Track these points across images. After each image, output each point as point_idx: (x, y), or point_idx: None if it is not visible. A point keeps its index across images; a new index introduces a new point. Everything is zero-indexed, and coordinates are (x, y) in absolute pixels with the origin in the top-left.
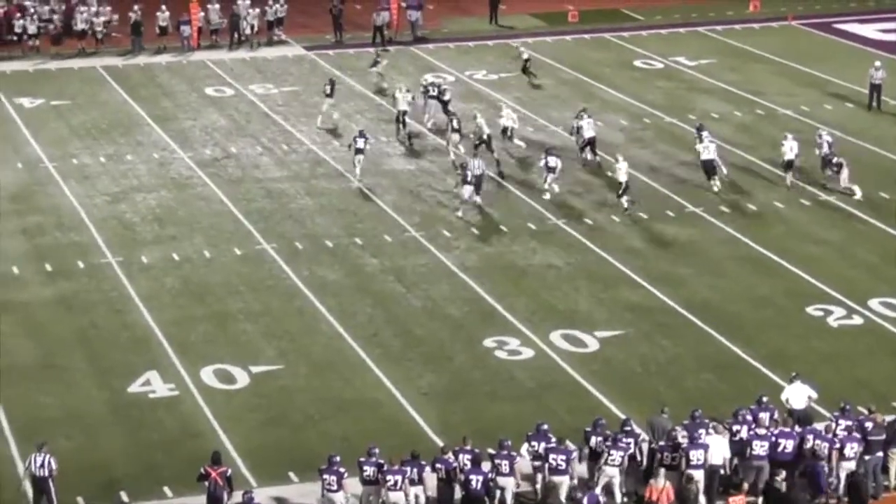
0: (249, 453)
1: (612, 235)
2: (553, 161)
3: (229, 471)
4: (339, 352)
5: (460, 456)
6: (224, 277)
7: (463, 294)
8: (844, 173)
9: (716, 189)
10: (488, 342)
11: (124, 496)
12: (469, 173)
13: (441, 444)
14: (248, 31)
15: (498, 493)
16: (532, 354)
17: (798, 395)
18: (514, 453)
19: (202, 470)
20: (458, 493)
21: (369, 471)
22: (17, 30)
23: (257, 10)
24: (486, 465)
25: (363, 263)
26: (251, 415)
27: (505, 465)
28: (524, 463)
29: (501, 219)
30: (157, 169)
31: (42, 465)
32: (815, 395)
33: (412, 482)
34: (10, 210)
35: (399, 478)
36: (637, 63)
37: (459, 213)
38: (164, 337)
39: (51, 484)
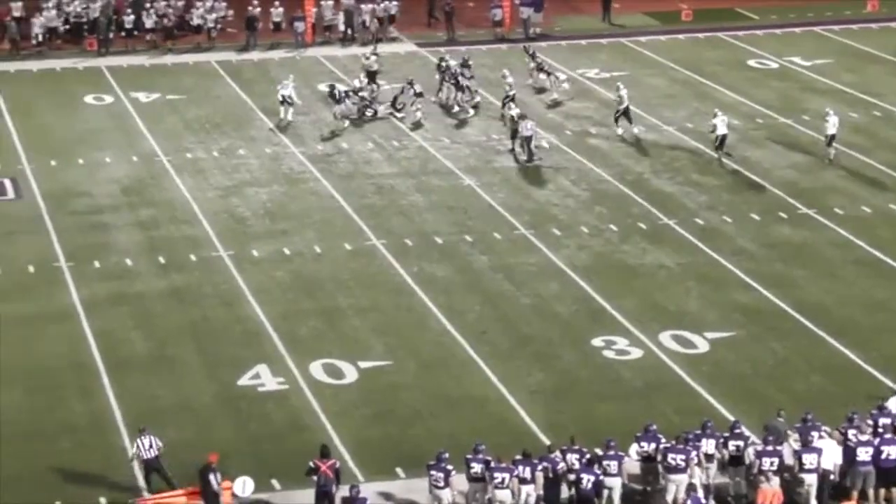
0: (357, 448)
1: (723, 236)
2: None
3: (338, 464)
4: (448, 349)
5: (568, 455)
6: (334, 272)
7: (572, 293)
8: None
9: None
10: (597, 341)
11: (169, 492)
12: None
13: (548, 442)
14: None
15: (605, 493)
16: (641, 354)
17: None
18: (621, 453)
19: (311, 464)
20: (564, 492)
21: (476, 468)
22: (128, 25)
23: (371, 7)
24: (573, 462)
25: (472, 261)
26: (359, 410)
27: (613, 466)
28: (631, 463)
29: (612, 218)
30: (269, 163)
31: (151, 447)
32: None
33: (523, 481)
34: (124, 203)
35: (507, 475)
36: (751, 63)
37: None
38: (274, 331)
39: (160, 461)
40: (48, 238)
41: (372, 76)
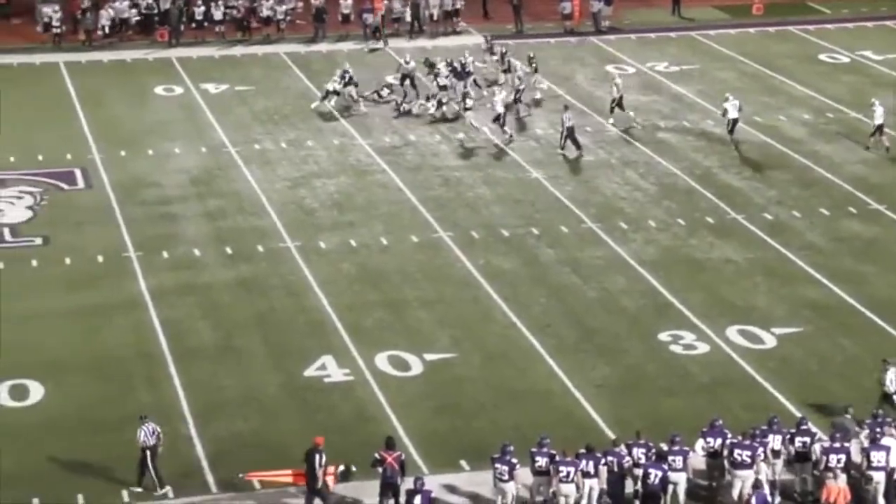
0: (421, 440)
1: (792, 231)
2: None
3: (403, 455)
4: (513, 342)
5: (634, 450)
6: (400, 264)
7: (639, 287)
8: None
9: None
10: (663, 336)
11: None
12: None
13: (612, 436)
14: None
15: (671, 488)
16: (707, 349)
17: None
18: (686, 448)
19: (377, 455)
20: (629, 486)
21: (541, 461)
22: (198, 17)
23: (437, 0)
24: (638, 457)
25: (539, 254)
26: (424, 402)
27: (678, 461)
28: (696, 459)
29: (680, 212)
30: (336, 155)
31: (153, 433)
32: None
33: (586, 475)
34: (192, 193)
35: (571, 469)
36: (822, 57)
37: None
38: (340, 322)
39: (158, 450)
40: (117, 228)
41: (406, 79)
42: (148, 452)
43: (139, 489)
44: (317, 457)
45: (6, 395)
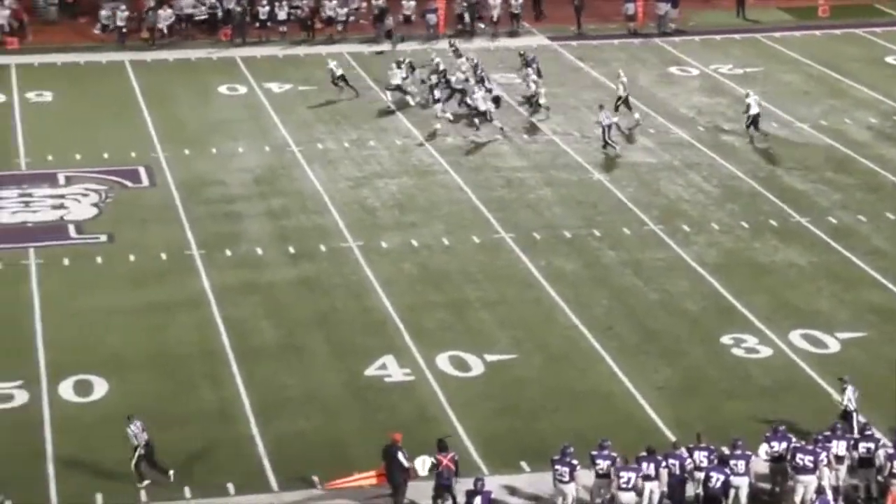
0: (482, 441)
1: (857, 235)
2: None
3: (456, 456)
4: (574, 343)
5: (696, 453)
6: (461, 265)
7: (701, 289)
8: None
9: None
10: (725, 339)
11: (356, 475)
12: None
13: (673, 439)
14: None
15: (732, 492)
16: (770, 353)
17: None
18: (748, 452)
19: (433, 459)
20: (690, 490)
21: (602, 464)
22: (263, 16)
23: (498, 1)
24: (699, 460)
25: (601, 255)
26: (484, 403)
27: (740, 465)
28: (758, 463)
29: (743, 215)
30: (398, 155)
31: (143, 431)
32: None
33: (647, 477)
34: (255, 192)
35: (633, 476)
36: (889, 59)
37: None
38: (401, 322)
39: (151, 447)
40: (181, 226)
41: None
42: (140, 452)
43: (146, 482)
44: (399, 453)
45: (70, 391)
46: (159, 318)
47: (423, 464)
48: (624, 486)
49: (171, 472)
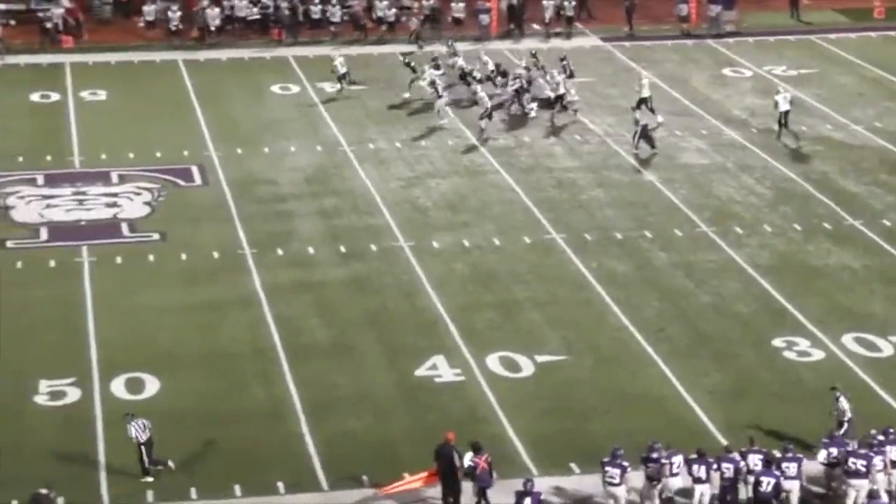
0: (531, 441)
1: None
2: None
3: (489, 457)
4: (625, 345)
5: (749, 456)
6: (512, 265)
7: (753, 292)
8: None
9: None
10: (777, 342)
11: (408, 477)
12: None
13: (725, 443)
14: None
15: (784, 495)
16: (822, 356)
17: None
18: (800, 455)
19: (471, 462)
20: (742, 493)
21: (652, 467)
22: (315, 15)
23: (552, 2)
24: (755, 464)
25: (652, 257)
26: (534, 403)
27: (792, 468)
28: (810, 466)
29: (795, 217)
30: (450, 155)
31: (144, 429)
32: None
33: (698, 480)
34: (307, 192)
35: (680, 458)
36: None
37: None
38: (452, 322)
39: (153, 443)
40: (233, 225)
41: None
42: (143, 448)
43: (150, 479)
44: (455, 453)
45: (122, 388)
46: (211, 316)
47: (468, 457)
48: (675, 471)
49: (171, 463)
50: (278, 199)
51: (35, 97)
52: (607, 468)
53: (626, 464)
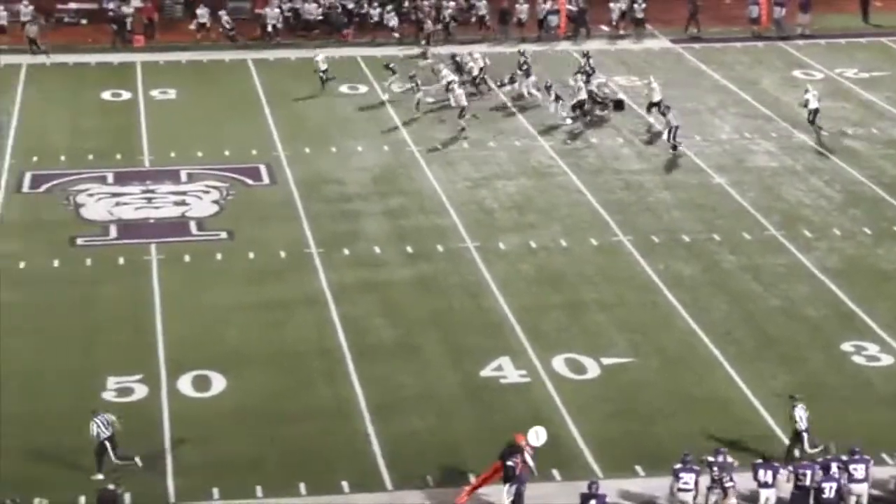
0: (597, 444)
1: None
2: None
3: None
4: (692, 348)
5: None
6: (579, 267)
7: (822, 296)
8: None
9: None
10: (846, 346)
11: (472, 478)
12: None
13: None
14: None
15: (853, 499)
16: (892, 361)
17: None
18: (867, 457)
19: (511, 462)
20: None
21: (717, 472)
22: (375, 18)
23: (621, 5)
24: (834, 470)
25: (720, 260)
26: (600, 405)
27: (860, 470)
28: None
29: (865, 221)
30: (517, 156)
31: (108, 425)
32: None
33: (763, 485)
34: (374, 191)
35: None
36: None
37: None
38: (518, 323)
39: (114, 441)
40: (300, 224)
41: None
42: (108, 443)
43: (101, 476)
44: (526, 455)
45: (189, 386)
46: (277, 315)
47: (535, 435)
48: (684, 487)
49: (138, 459)
50: (345, 198)
51: (106, 95)
52: (682, 474)
53: (697, 467)
